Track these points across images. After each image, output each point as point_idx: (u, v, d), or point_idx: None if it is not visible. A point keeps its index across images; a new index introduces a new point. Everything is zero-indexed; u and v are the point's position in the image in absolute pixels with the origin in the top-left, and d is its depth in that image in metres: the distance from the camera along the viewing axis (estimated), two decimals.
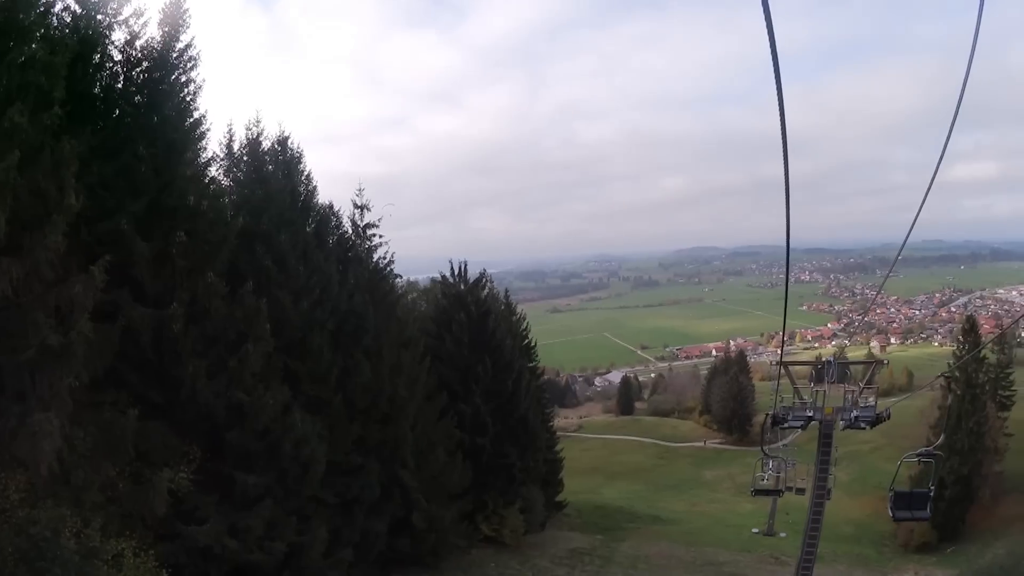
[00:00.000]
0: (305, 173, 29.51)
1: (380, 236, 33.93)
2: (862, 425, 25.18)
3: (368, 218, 33.78)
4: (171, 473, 19.63)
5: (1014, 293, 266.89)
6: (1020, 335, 67.92)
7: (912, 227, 11.79)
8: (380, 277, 33.63)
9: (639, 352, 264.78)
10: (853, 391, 26.54)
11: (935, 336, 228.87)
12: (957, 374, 52.29)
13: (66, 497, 16.91)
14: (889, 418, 25.07)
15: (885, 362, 29.82)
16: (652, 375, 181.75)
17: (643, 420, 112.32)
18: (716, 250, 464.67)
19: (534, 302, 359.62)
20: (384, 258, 34.16)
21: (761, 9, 4.58)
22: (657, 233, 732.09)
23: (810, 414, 25.22)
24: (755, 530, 51.88)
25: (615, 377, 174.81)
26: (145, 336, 20.65)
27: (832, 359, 26.83)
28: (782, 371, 26.95)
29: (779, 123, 6.00)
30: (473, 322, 40.29)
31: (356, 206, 33.65)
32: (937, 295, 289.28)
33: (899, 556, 49.64)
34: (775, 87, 5.57)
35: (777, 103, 5.77)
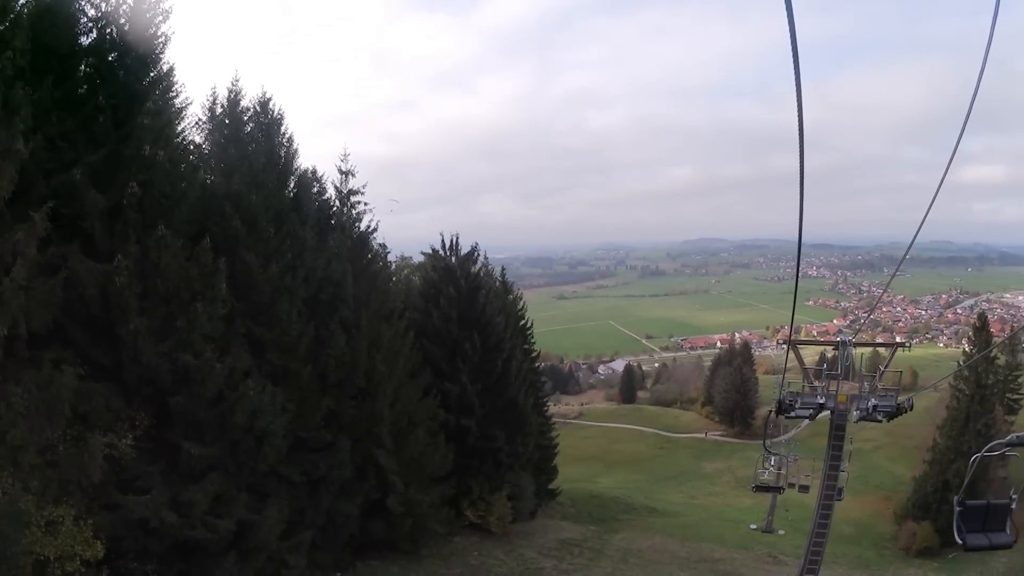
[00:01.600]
0: (286, 136, 28.34)
1: (365, 204, 32.65)
2: (879, 417, 22.07)
3: (353, 184, 32.59)
4: (113, 438, 18.98)
5: (1021, 298, 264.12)
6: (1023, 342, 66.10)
7: (920, 227, 11.96)
8: (362, 245, 32.16)
9: (644, 341, 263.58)
10: (872, 376, 23.26)
11: (940, 337, 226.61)
12: (967, 373, 50.59)
13: (2, 456, 16.83)
14: (911, 409, 22.09)
15: (907, 345, 26.58)
16: (656, 365, 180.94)
17: (645, 409, 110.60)
18: (723, 242, 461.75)
19: (540, 288, 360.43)
20: (369, 227, 32.86)
21: (772, 3, 4.54)
22: (665, 223, 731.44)
23: (821, 401, 22.40)
24: (753, 526, 50.14)
25: (619, 365, 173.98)
26: (91, 292, 19.61)
27: (847, 339, 23.12)
28: (790, 353, 23.99)
29: (795, 117, 6.15)
30: (463, 297, 38.42)
31: (340, 172, 32.44)
32: (944, 296, 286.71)
33: (900, 560, 47.94)
34: (794, 81, 5.63)
35: (796, 98, 5.86)
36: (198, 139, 26.55)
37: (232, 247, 23.73)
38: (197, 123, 26.19)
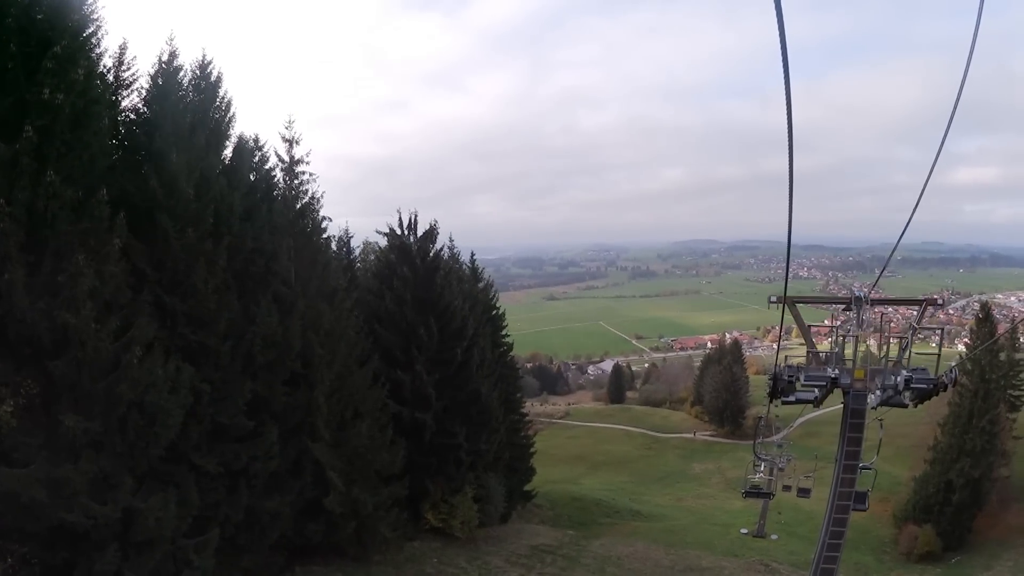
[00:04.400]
0: (224, 99, 25.70)
1: (310, 174, 29.98)
2: (905, 400, 16.74)
3: (298, 153, 29.86)
4: None
5: (1013, 299, 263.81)
6: (1020, 340, 63.82)
7: (907, 227, 12.00)
8: (304, 217, 29.45)
9: (634, 342, 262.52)
10: (902, 339, 17.49)
11: (932, 336, 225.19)
12: (969, 366, 47.69)
13: None
14: (954, 385, 17.01)
15: (939, 302, 20.67)
16: (645, 365, 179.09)
17: (633, 409, 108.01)
18: (714, 243, 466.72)
19: (531, 289, 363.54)
20: (313, 198, 30.14)
21: (765, 4, 4.48)
22: (656, 224, 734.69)
23: (833, 374, 16.61)
24: (744, 531, 47.77)
25: (608, 366, 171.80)
26: None
27: (864, 294, 17.18)
28: (786, 311, 17.44)
29: (784, 117, 6.26)
30: (419, 278, 34.94)
31: (284, 139, 29.74)
32: (936, 296, 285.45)
33: (900, 565, 45.13)
34: (783, 82, 5.84)
35: (785, 99, 6.04)
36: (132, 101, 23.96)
37: (149, 209, 21.74)
38: (138, 90, 23.83)
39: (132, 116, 23.40)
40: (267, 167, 28.70)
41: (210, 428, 23.04)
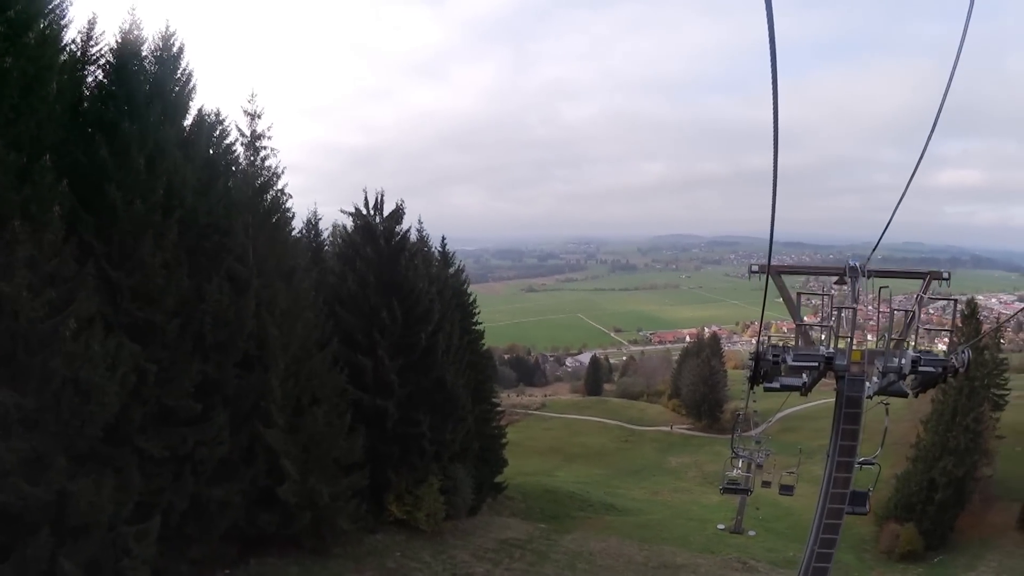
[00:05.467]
0: (184, 71, 24.90)
1: (271, 149, 28.81)
2: (906, 389, 14.38)
3: (259, 127, 28.69)
4: None
5: (993, 300, 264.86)
6: (1002, 341, 63.32)
7: (887, 226, 11.60)
8: (263, 193, 28.24)
9: (612, 335, 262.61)
10: (908, 314, 15.02)
11: (912, 336, 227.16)
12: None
13: None
14: (966, 369, 13.97)
15: (945, 275, 15.85)
16: (623, 358, 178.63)
17: (610, 401, 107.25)
18: (695, 238, 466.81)
19: (510, 280, 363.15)
20: (273, 174, 28.94)
21: (753, 1, 4.40)
22: (636, 218, 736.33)
23: (828, 352, 13.82)
24: (721, 526, 46.81)
25: (586, 358, 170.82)
26: None
27: (857, 262, 15.02)
28: (770, 283, 13.89)
29: (771, 114, 6.12)
30: (383, 259, 33.37)
31: (246, 113, 28.60)
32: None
33: (882, 564, 44.04)
34: (769, 78, 5.66)
35: (772, 95, 5.87)
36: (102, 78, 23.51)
37: (100, 181, 20.93)
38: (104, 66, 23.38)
39: (96, 91, 22.81)
40: (227, 141, 27.62)
41: (156, 410, 22.09)
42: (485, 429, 43.48)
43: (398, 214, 34.84)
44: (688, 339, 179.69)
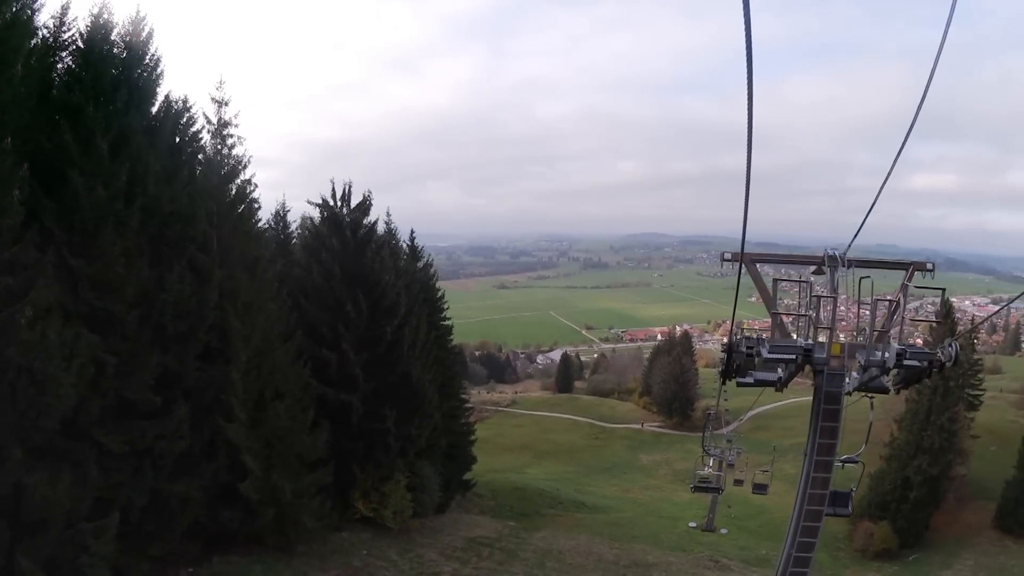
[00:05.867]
0: (153, 56, 24.19)
1: (238, 137, 28.04)
2: (888, 384, 13.63)
3: (227, 115, 27.93)
4: None
5: (967, 303, 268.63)
6: (977, 342, 64.53)
7: (860, 229, 11.56)
8: (229, 182, 27.49)
9: (584, 332, 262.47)
10: (893, 304, 14.30)
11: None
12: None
13: None
14: (954, 363, 12.61)
15: (929, 267, 15.32)
16: (595, 355, 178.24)
17: (580, 399, 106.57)
18: (667, 237, 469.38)
19: (482, 277, 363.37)
20: (240, 162, 28.05)
21: (731, 1, 4.46)
22: (609, 216, 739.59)
23: (807, 344, 12.88)
24: (692, 524, 46.52)
25: (557, 355, 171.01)
26: None
27: (837, 251, 14.06)
28: (743, 271, 12.99)
29: (746, 115, 6.13)
30: (349, 251, 32.48)
31: (213, 100, 27.90)
32: (889, 297, 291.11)
33: (856, 562, 44.16)
34: (745, 79, 5.67)
35: (747, 95, 5.89)
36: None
37: (63, 167, 20.44)
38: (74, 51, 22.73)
39: (65, 77, 22.21)
40: (194, 129, 26.77)
41: (115, 403, 21.42)
42: (453, 425, 42.76)
43: (365, 205, 33.97)
44: (659, 337, 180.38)
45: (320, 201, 33.67)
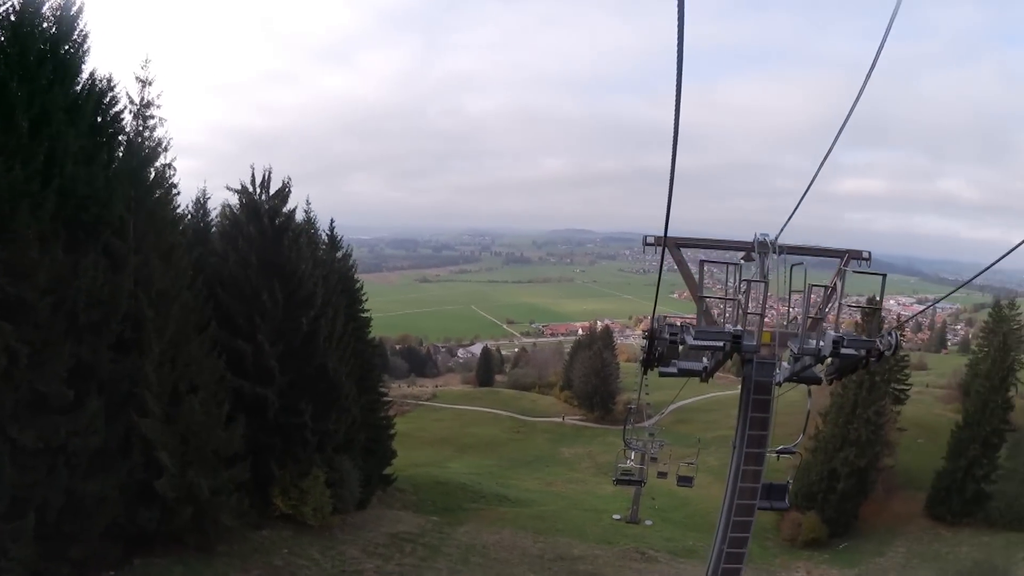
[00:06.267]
0: (81, 32, 23.08)
1: (160, 119, 26.74)
2: (819, 376, 12.75)
3: (149, 95, 26.61)
4: None
5: (892, 302, 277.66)
6: (903, 338, 66.07)
7: (791, 216, 11.55)
8: (147, 164, 26.24)
9: (505, 327, 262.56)
10: (827, 289, 13.42)
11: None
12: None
13: None
14: (894, 352, 12.02)
15: (865, 255, 14.45)
16: (516, 349, 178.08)
17: (501, 392, 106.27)
18: (591, 233, 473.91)
19: (404, 271, 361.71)
20: (160, 144, 26.81)
21: (668, 4, 4.51)
22: (533, 212, 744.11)
23: (735, 329, 11.81)
24: (617, 516, 46.41)
25: (478, 349, 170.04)
26: None
27: (767, 236, 12.69)
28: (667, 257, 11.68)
29: (672, 114, 5.99)
30: (266, 239, 31.14)
31: (137, 79, 26.49)
32: (812, 296, 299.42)
33: (786, 552, 44.87)
34: (675, 80, 5.63)
35: (675, 94, 5.81)
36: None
37: None
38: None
39: None
40: (116, 109, 25.40)
41: (28, 396, 20.34)
42: (372, 419, 41.57)
43: (284, 192, 32.59)
44: (580, 332, 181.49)
45: (240, 187, 32.12)
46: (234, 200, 33.00)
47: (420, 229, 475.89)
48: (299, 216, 35.27)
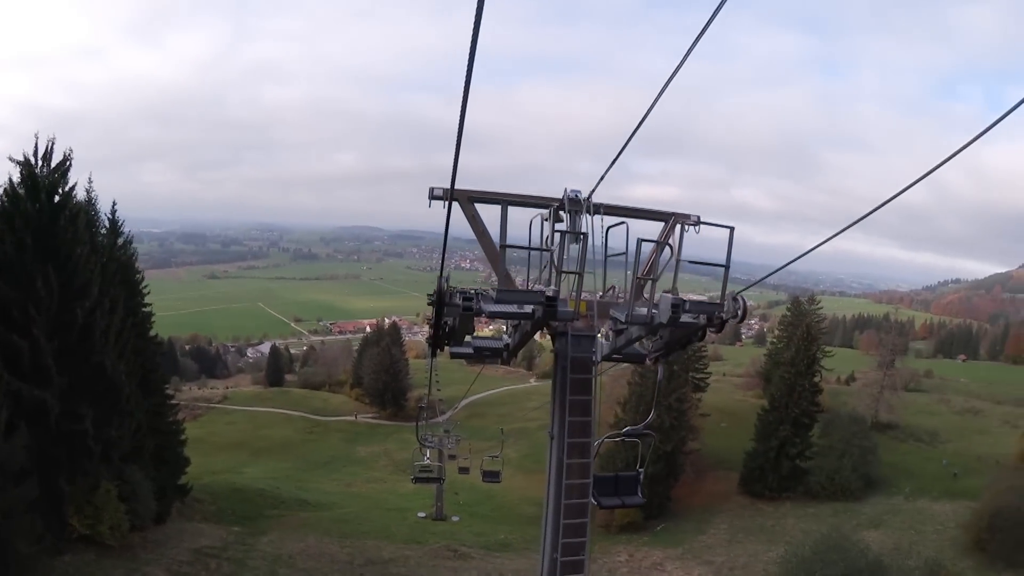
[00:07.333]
0: None
1: None
2: (644, 352, 10.93)
3: None
4: None
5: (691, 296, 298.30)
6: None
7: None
8: None
9: (292, 324, 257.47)
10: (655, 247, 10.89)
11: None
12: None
13: None
14: (742, 319, 9.26)
15: (693, 219, 10.95)
16: (304, 348, 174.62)
17: (292, 392, 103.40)
18: (379, 231, 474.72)
19: (193, 266, 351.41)
20: None
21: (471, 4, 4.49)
22: (323, 207, 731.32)
23: (551, 291, 8.31)
24: (421, 514, 46.11)
25: (267, 348, 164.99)
26: None
27: (579, 193, 9.91)
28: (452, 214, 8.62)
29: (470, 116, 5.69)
30: (43, 218, 27.69)
31: None
32: (600, 294, 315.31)
33: (603, 538, 45.31)
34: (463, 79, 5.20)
35: (463, 94, 5.35)
36: None
37: None
38: None
39: None
40: None
41: None
42: (160, 424, 38.15)
43: (64, 166, 28.98)
44: (368, 329, 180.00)
45: (22, 159, 28.05)
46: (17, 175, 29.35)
47: (210, 223, 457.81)
48: (80, 195, 31.96)
